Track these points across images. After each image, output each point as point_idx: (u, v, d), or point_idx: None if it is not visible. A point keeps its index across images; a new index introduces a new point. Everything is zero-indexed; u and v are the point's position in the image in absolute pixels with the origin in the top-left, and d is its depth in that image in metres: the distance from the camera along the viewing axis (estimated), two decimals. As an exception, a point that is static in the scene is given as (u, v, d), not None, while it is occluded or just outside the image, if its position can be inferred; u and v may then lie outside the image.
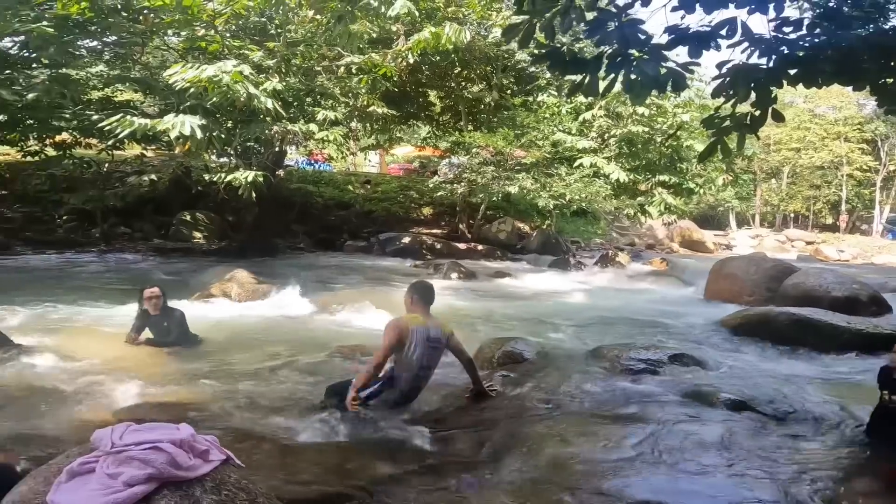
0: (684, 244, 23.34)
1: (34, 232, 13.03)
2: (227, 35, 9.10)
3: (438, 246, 14.91)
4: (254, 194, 8.44)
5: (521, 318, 7.25)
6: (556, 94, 16.03)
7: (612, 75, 3.15)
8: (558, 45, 3.37)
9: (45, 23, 8.18)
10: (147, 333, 5.04)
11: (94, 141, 12.67)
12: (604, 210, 20.66)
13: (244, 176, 8.45)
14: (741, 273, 8.74)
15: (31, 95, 9.12)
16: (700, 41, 2.93)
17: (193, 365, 4.65)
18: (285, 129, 9.59)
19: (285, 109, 9.65)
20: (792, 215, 37.78)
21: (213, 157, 13.36)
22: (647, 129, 14.92)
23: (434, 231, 17.44)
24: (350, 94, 11.36)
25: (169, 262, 11.59)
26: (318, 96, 10.94)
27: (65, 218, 13.97)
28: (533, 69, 15.79)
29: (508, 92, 16.90)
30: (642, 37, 3.02)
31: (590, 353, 4.99)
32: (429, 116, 18.50)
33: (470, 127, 16.57)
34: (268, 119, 9.02)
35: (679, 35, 3.01)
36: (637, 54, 3.04)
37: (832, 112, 33.72)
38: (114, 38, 10.23)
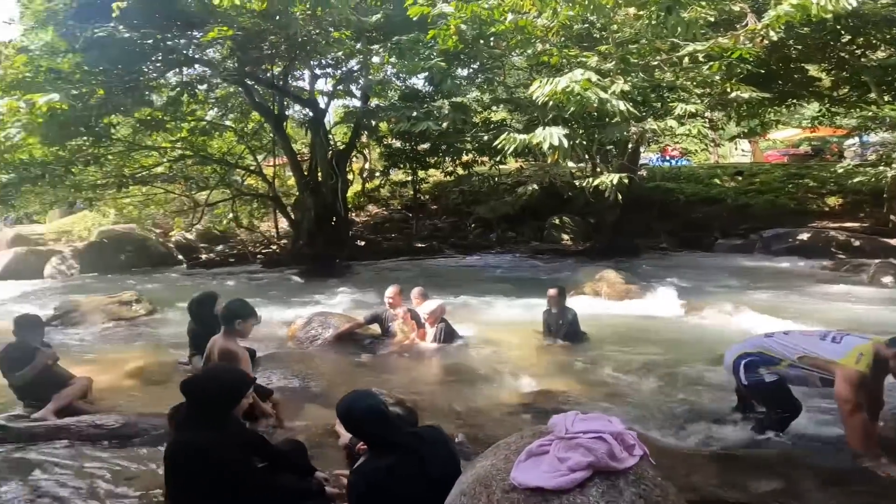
0: None
1: (456, 238, 17.01)
2: (561, 47, 9.55)
3: (857, 242, 11.97)
4: (619, 196, 8.64)
5: None
6: None
7: None
8: None
9: (437, 59, 9.80)
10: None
11: (485, 158, 15.54)
12: None
13: (609, 179, 8.74)
14: None
15: (444, 124, 11.26)
16: None
17: (578, 360, 5.12)
18: (643, 128, 9.40)
19: (637, 109, 9.47)
20: None
21: (570, 164, 14.38)
22: None
23: (846, 224, 13.85)
24: (702, 84, 10.25)
25: (545, 262, 13.22)
26: (665, 91, 10.32)
27: (473, 226, 17.75)
28: None
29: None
30: None
31: None
32: (814, 93, 14.76)
33: (887, 98, 12.38)
34: (621, 121, 9.05)
35: None
36: None
37: None
38: (477, 65, 11.80)
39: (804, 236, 12.47)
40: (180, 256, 16.32)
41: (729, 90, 10.32)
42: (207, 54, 11.87)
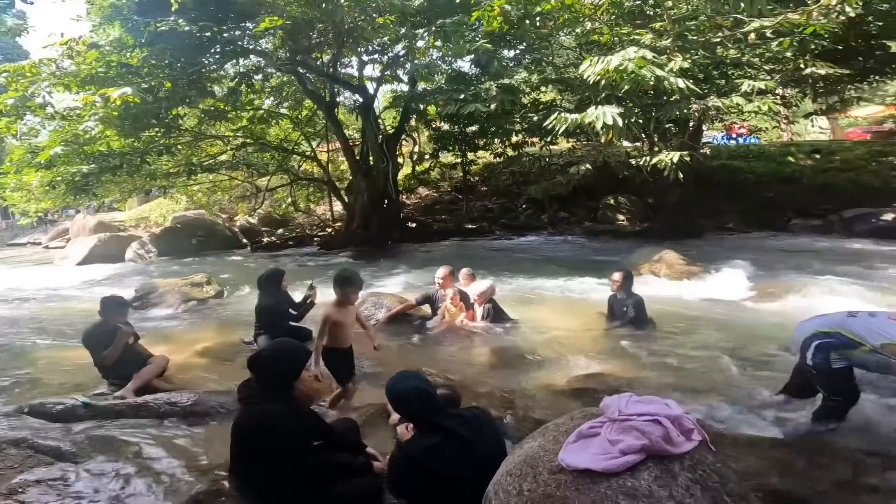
0: None
1: (506, 219, 16.81)
2: (612, 25, 9.14)
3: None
4: (680, 175, 8.23)
5: None
6: None
7: None
8: None
9: (483, 41, 9.67)
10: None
11: (535, 139, 15.18)
12: None
13: (669, 157, 8.35)
14: None
15: (492, 106, 11.08)
16: None
17: (634, 343, 4.94)
18: (705, 106, 8.91)
19: (698, 86, 8.99)
20: None
21: (625, 143, 13.84)
22: None
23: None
24: (772, 60, 9.63)
25: (599, 243, 12.85)
26: (730, 67, 9.73)
27: (523, 207, 17.45)
28: None
29: None
30: None
31: None
32: (898, 69, 13.37)
33: None
34: (680, 99, 8.60)
35: None
36: None
37: None
38: (523, 45, 11.55)
39: (889, 216, 11.56)
40: (244, 240, 17.13)
41: (803, 66, 9.68)
42: (261, 45, 12.22)
